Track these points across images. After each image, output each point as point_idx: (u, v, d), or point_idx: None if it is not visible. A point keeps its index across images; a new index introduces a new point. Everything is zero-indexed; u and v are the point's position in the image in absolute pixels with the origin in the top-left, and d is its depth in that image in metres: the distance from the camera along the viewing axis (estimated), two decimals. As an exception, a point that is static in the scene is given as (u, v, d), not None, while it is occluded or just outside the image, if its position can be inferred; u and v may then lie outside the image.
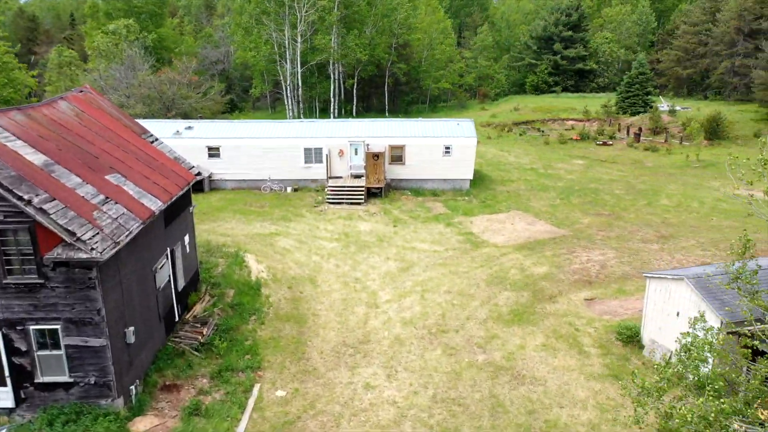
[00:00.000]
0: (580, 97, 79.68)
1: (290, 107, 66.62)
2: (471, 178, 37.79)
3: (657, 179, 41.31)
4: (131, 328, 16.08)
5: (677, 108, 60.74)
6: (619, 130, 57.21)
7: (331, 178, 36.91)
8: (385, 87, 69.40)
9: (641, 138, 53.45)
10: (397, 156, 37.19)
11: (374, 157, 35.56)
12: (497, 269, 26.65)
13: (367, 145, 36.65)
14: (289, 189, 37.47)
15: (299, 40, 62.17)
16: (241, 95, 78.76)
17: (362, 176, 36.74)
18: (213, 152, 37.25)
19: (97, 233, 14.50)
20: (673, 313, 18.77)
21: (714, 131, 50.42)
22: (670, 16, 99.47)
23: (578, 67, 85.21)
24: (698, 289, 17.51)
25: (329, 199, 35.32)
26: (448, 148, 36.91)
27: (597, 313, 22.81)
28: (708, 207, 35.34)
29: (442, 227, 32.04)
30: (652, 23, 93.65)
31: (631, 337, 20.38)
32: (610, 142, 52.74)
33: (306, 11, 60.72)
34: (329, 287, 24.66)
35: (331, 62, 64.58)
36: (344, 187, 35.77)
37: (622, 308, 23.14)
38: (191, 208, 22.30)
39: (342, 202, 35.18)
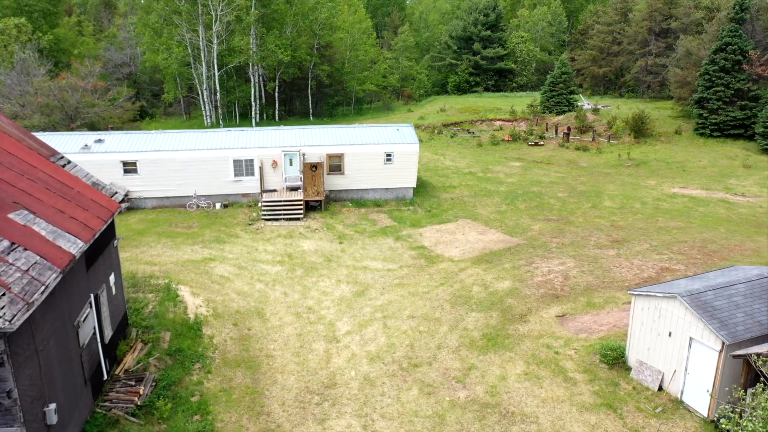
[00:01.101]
0: (503, 96, 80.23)
1: (207, 113, 62.39)
2: (414, 186, 35.97)
3: (595, 180, 41.20)
4: (52, 406, 12.83)
5: (599, 106, 61.83)
6: (547, 130, 57.41)
7: (264, 191, 33.92)
8: (309, 90, 66.47)
9: (570, 137, 53.76)
10: (336, 165, 34.76)
11: (312, 168, 32.93)
12: (458, 287, 24.86)
13: (303, 154, 33.97)
14: (218, 205, 34.14)
15: (215, 41, 58.17)
16: (151, 101, 73.22)
17: (299, 188, 34.04)
18: (129, 168, 33.30)
19: (3, 294, 11.25)
20: (664, 333, 17.58)
21: (639, 129, 51.40)
22: (579, 16, 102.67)
23: (498, 67, 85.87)
24: (694, 308, 16.35)
25: (265, 215, 32.35)
26: (389, 155, 34.89)
27: (572, 331, 21.47)
28: (650, 207, 35.32)
29: (392, 241, 29.95)
30: (564, 23, 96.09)
31: (617, 359, 19.09)
32: (542, 143, 52.67)
33: (222, 10, 56.84)
34: (280, 320, 21.92)
35: (250, 65, 60.98)
36: (280, 201, 32.91)
37: (596, 324, 21.94)
38: (116, 242, 18.93)
39: (279, 218, 32.31)
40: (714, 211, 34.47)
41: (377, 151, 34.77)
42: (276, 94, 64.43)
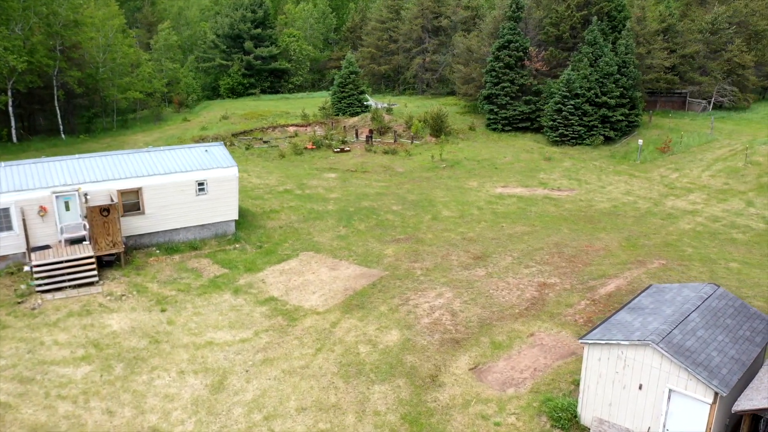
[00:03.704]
0: (283, 98, 75.40)
1: None
2: (236, 218, 29.56)
3: (420, 187, 38.95)
4: None
5: (393, 105, 60.71)
6: (345, 132, 54.24)
7: (33, 250, 24.57)
8: (55, 101, 53.70)
9: (373, 140, 51.35)
10: (132, 204, 26.74)
11: (103, 212, 24.61)
12: (341, 351, 19.85)
13: (85, 194, 25.39)
14: (-41, 278, 23.84)
15: None
16: None
17: (84, 240, 25.41)
18: None
19: None
20: (631, 386, 14.92)
21: (440, 128, 50.99)
22: (341, 13, 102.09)
23: (272, 67, 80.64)
24: (673, 355, 13.86)
25: (41, 285, 23.25)
26: (202, 184, 27.95)
27: (496, 387, 18.02)
28: (488, 212, 34.00)
29: (230, 297, 23.53)
30: (333, 21, 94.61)
31: (570, 420, 16.06)
32: (347, 148, 49.28)
33: None
34: (116, 464, 14.64)
35: (-31, 73, 46.86)
36: (60, 262, 24.00)
37: (515, 371, 18.82)
38: None
39: (63, 287, 23.49)
40: (545, 210, 34.37)
41: (186, 180, 27.58)
42: (10, 109, 50.74)
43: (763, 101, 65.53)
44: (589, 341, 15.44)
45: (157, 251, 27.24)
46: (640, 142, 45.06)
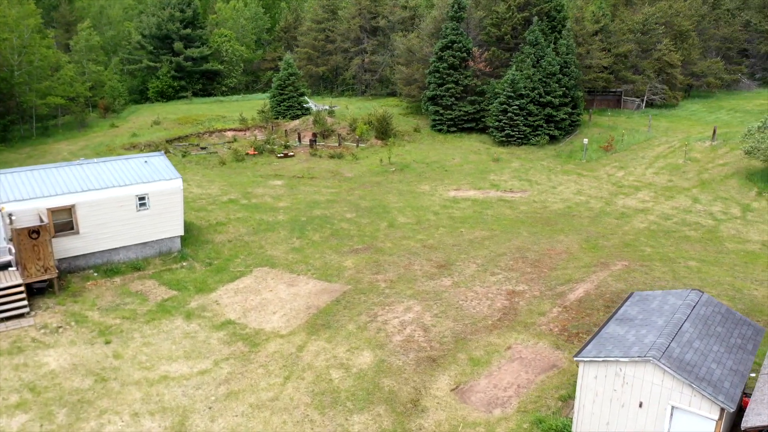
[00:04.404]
0: (217, 101, 72.35)
1: None
2: (182, 233, 27.38)
3: (372, 192, 37.73)
4: None
5: (334, 108, 59.16)
6: (287, 136, 52.31)
7: (-50, 281, 21.72)
8: (-36, 108, 49.18)
9: (317, 144, 49.72)
10: (65, 223, 24.20)
11: (32, 235, 22.03)
12: (312, 378, 18.36)
13: (10, 215, 22.70)
14: None
15: None
16: None
17: (9, 266, 22.74)
18: None
19: None
20: (631, 404, 14.25)
21: (385, 131, 49.93)
22: (273, 13, 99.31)
23: (204, 69, 77.27)
24: (676, 371, 13.28)
25: (-40, 320, 20.53)
26: (143, 198, 25.65)
27: (482, 408, 17.05)
28: (445, 217, 33.18)
29: (183, 323, 21.55)
30: (266, 21, 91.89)
31: (565, 442, 15.30)
32: (291, 153, 47.42)
33: None
34: None
35: None
36: (-17, 292, 21.33)
37: (498, 389, 17.92)
38: None
39: (-12, 321, 20.86)
40: (502, 213, 33.91)
41: (125, 194, 25.20)
42: None
43: (689, 99, 68.20)
44: (585, 359, 14.67)
45: (95, 274, 24.77)
46: (585, 141, 45.60)
